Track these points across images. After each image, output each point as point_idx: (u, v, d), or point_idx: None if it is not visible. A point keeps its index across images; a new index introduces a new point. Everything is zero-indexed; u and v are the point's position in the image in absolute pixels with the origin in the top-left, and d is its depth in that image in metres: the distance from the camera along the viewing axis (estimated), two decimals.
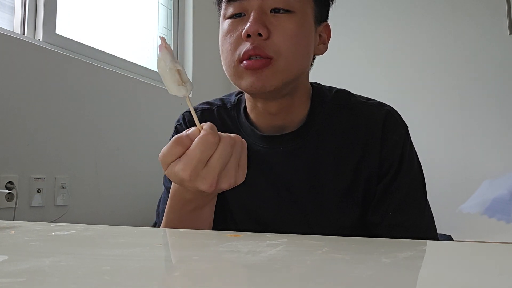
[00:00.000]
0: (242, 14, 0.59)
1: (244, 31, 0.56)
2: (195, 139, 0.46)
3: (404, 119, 0.66)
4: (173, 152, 0.47)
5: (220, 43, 0.62)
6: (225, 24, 0.60)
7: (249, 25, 0.55)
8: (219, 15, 0.65)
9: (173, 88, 0.49)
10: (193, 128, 0.48)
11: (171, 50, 0.49)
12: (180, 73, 0.49)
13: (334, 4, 0.67)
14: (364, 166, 0.62)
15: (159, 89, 2.03)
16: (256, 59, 0.56)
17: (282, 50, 0.56)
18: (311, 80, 0.69)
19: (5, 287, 0.22)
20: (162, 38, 0.49)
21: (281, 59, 0.56)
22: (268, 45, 0.56)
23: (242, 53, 0.56)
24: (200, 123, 0.48)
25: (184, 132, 0.48)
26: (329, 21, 0.67)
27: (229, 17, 0.60)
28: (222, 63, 0.62)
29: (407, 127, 0.65)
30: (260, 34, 0.55)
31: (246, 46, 0.56)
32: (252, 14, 0.57)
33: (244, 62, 0.56)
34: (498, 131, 2.23)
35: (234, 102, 0.70)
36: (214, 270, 0.27)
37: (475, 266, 0.30)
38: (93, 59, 1.76)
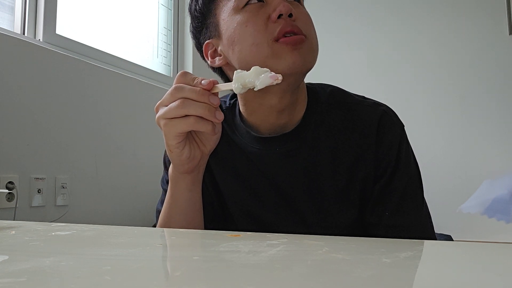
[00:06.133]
0: (260, 1, 0.59)
1: (276, 10, 0.56)
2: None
3: (403, 119, 0.65)
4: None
5: (236, 31, 0.59)
6: (241, 14, 0.59)
7: (282, 6, 0.56)
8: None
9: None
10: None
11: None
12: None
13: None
14: (360, 166, 0.62)
15: (159, 89, 2.03)
16: (295, 35, 0.57)
17: (308, 31, 0.58)
18: (308, 80, 0.68)
19: (5, 287, 0.22)
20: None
21: (311, 38, 0.59)
22: (298, 25, 0.57)
23: (278, 31, 0.56)
24: None
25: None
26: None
27: (245, 5, 0.59)
28: (243, 49, 0.58)
29: (403, 126, 0.65)
30: (290, 15, 0.57)
31: (278, 26, 0.56)
32: None
33: (282, 39, 0.56)
34: (498, 131, 2.23)
35: (229, 105, 0.69)
36: (214, 270, 0.27)
37: (475, 266, 0.30)
38: (93, 59, 1.76)
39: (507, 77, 2.24)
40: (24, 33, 1.53)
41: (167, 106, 0.52)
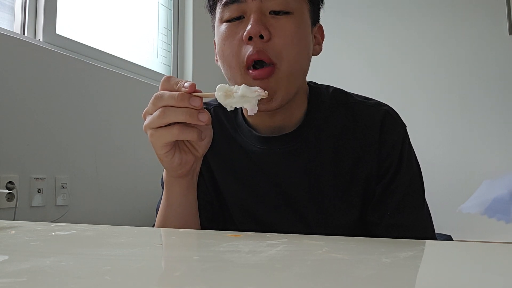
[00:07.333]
0: (242, 17, 0.58)
1: (245, 33, 0.55)
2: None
3: (403, 119, 0.65)
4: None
5: (218, 47, 0.61)
6: (222, 28, 0.59)
7: (251, 27, 0.55)
8: (213, 19, 0.64)
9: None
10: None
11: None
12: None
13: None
14: (362, 166, 0.62)
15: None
16: (262, 68, 0.56)
17: (284, 53, 0.56)
18: (308, 79, 0.68)
19: (6, 287, 0.22)
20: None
21: (283, 65, 0.56)
22: (270, 48, 0.56)
23: (245, 58, 0.56)
24: None
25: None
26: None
27: (227, 21, 0.59)
28: (225, 69, 0.61)
29: (405, 126, 0.65)
30: (261, 36, 0.55)
31: (248, 50, 0.56)
32: (252, 16, 0.56)
33: (251, 71, 0.56)
34: (498, 131, 2.23)
35: None
36: (214, 270, 0.27)
37: (475, 266, 0.30)
38: (93, 59, 1.76)
39: (507, 77, 2.24)
40: (24, 33, 1.53)
41: (151, 114, 0.52)
